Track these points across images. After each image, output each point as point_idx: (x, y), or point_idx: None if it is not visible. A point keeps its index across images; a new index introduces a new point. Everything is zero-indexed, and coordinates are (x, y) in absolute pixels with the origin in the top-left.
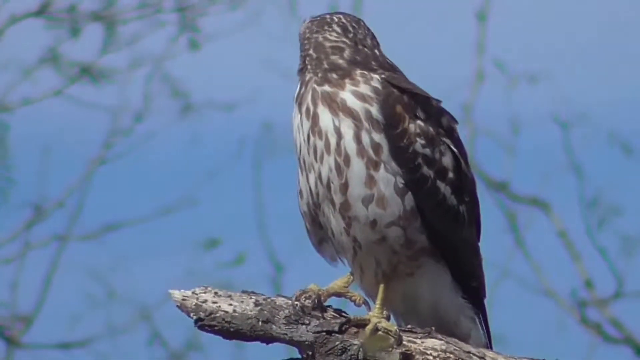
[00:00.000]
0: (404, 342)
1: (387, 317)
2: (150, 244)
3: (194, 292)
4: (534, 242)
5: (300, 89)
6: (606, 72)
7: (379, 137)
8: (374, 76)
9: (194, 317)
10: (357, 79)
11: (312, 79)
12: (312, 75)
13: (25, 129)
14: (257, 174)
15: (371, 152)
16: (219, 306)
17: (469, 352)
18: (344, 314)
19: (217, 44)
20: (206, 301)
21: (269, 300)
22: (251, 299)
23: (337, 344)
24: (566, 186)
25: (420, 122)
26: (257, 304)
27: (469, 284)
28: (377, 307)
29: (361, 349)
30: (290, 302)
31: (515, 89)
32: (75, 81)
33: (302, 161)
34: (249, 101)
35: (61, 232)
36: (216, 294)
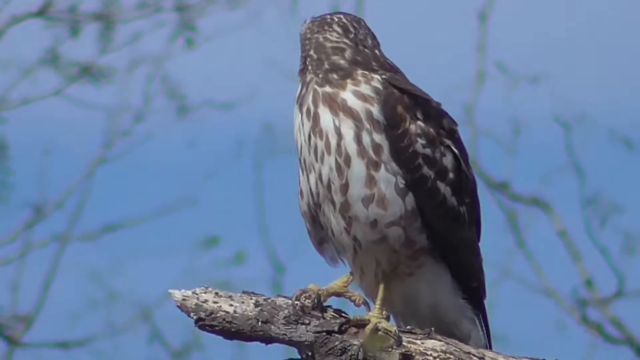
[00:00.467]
0: (404, 343)
1: (387, 318)
2: (149, 244)
3: (194, 292)
4: (534, 241)
5: (301, 90)
6: (606, 72)
7: (379, 138)
8: (374, 76)
9: (195, 317)
10: (358, 79)
11: (313, 79)
12: (313, 76)
13: (25, 129)
14: (257, 174)
15: (372, 152)
16: (220, 306)
17: (469, 353)
18: (343, 314)
19: (217, 44)
20: (207, 301)
21: (269, 300)
22: (252, 299)
23: (337, 344)
24: (567, 186)
25: (420, 122)
26: (257, 305)
27: (469, 284)
28: (377, 307)
29: (361, 349)
30: (290, 302)
31: (516, 89)
32: (74, 81)
33: (303, 161)
34: (249, 101)
35: (61, 232)
36: (217, 294)
